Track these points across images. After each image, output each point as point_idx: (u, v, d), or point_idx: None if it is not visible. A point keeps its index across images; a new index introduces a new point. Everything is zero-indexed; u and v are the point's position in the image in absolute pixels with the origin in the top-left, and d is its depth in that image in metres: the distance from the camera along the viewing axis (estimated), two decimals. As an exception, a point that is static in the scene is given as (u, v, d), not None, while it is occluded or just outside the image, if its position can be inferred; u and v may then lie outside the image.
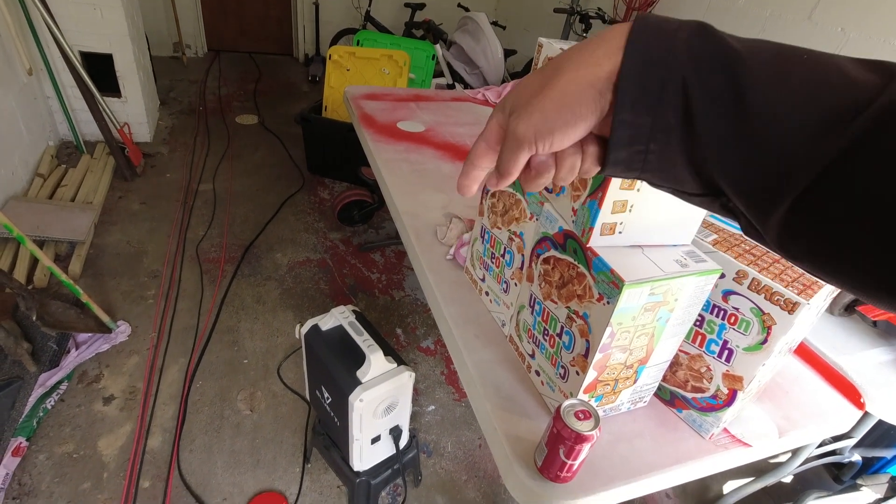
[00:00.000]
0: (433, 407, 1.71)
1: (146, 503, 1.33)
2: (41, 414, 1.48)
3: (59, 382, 1.56)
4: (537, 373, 0.79)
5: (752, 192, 0.28)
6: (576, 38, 2.90)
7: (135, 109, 2.92)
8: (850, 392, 0.90)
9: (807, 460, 1.15)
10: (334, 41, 4.23)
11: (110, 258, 2.12)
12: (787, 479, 1.62)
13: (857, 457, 1.37)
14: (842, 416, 0.86)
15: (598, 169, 0.33)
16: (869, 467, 1.51)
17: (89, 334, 1.71)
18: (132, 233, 2.29)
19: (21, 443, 1.38)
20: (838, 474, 1.60)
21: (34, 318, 1.58)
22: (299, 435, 1.55)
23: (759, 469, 1.51)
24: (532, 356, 0.80)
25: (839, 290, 0.90)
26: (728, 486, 1.58)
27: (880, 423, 1.04)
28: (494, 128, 0.34)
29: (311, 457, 1.48)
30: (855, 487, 1.42)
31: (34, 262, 1.92)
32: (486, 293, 0.95)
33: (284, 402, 1.65)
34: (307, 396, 1.33)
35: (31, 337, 1.61)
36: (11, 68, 2.31)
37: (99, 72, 2.68)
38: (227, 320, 1.92)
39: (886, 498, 1.34)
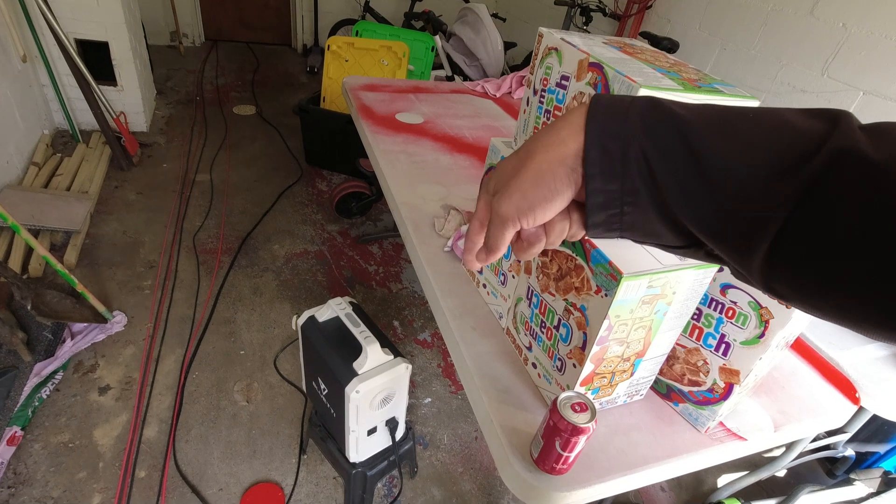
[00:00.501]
0: (430, 399, 1.71)
1: (142, 493, 1.33)
2: (36, 403, 1.47)
3: (55, 372, 1.56)
4: (534, 365, 0.79)
5: (729, 241, 0.29)
6: (576, 31, 2.87)
7: (131, 98, 2.89)
8: (846, 387, 0.90)
9: (801, 454, 1.16)
10: (333, 31, 4.20)
11: (106, 248, 2.11)
12: (781, 473, 1.63)
13: (850, 451, 1.38)
14: (837, 410, 0.86)
15: (584, 232, 0.35)
16: (862, 462, 1.52)
17: (85, 324, 1.70)
18: (128, 223, 2.27)
19: (16, 432, 1.38)
20: (831, 469, 1.61)
21: (29, 307, 1.57)
22: (295, 426, 1.55)
23: (753, 463, 1.52)
24: (529, 348, 0.80)
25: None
26: (722, 480, 1.59)
27: (874, 418, 1.04)
28: (483, 207, 0.37)
29: (307, 448, 1.48)
30: (848, 482, 1.43)
31: (29, 251, 1.91)
32: (484, 285, 0.95)
33: (281, 393, 1.65)
34: (303, 388, 1.33)
35: (27, 326, 1.60)
36: (6, 55, 2.29)
37: (95, 60, 2.65)
38: (224, 311, 1.91)
39: (879, 492, 1.35)
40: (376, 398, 1.10)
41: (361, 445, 1.19)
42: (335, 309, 1.14)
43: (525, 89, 0.78)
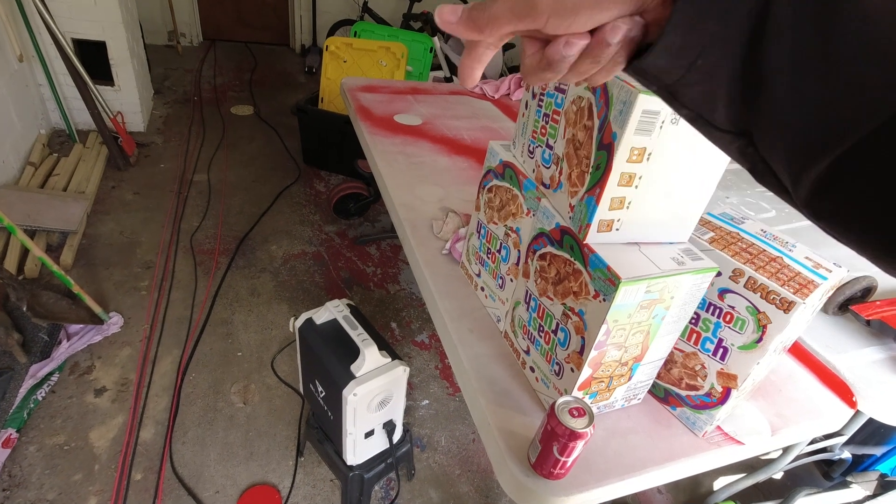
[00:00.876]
0: (427, 401, 1.71)
1: (138, 495, 1.32)
2: (32, 405, 1.46)
3: (51, 374, 1.55)
4: (532, 369, 0.79)
5: (805, 133, 0.23)
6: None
7: (128, 98, 2.88)
8: (843, 390, 0.91)
9: (797, 457, 1.16)
10: (331, 32, 4.19)
11: (103, 248, 2.10)
12: (778, 476, 1.63)
13: (846, 454, 1.38)
14: (834, 414, 0.87)
15: (615, 70, 0.27)
16: (858, 465, 1.53)
17: (81, 325, 1.69)
18: (125, 223, 2.26)
19: (11, 434, 1.37)
20: (828, 471, 1.61)
21: (25, 308, 1.57)
22: (293, 428, 1.55)
23: (750, 465, 1.52)
24: (527, 352, 0.80)
25: (834, 290, 0.90)
26: (719, 482, 1.60)
27: (870, 421, 1.04)
28: None
29: (304, 450, 1.48)
30: (845, 484, 1.43)
31: (25, 252, 1.90)
32: (482, 288, 0.95)
33: (278, 394, 1.64)
34: (301, 390, 1.32)
35: (22, 328, 1.59)
36: (2, 54, 2.28)
37: (92, 59, 2.64)
38: (221, 312, 1.91)
39: (876, 495, 1.36)
40: (374, 401, 1.10)
41: (359, 448, 1.19)
42: (332, 311, 1.14)
43: (524, 92, 0.78)
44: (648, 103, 0.53)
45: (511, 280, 0.84)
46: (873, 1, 0.21)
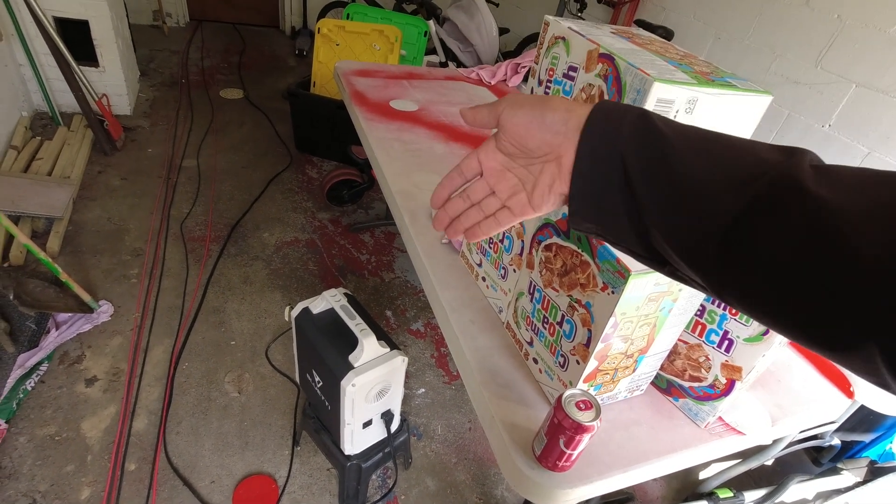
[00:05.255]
0: (423, 390, 1.71)
1: (132, 486, 1.31)
2: (21, 395, 1.44)
3: (39, 363, 1.52)
4: (535, 361, 0.78)
5: (686, 249, 0.33)
6: (571, 18, 2.78)
7: (113, 80, 2.79)
8: (840, 380, 0.91)
9: (789, 444, 1.17)
10: (322, 14, 4.09)
11: (90, 235, 2.05)
12: (769, 462, 1.66)
13: (836, 441, 1.41)
14: (831, 403, 0.87)
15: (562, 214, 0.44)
16: (847, 451, 1.56)
17: (70, 314, 1.66)
18: (113, 209, 2.21)
19: (0, 425, 1.35)
20: (817, 457, 1.64)
21: (11, 296, 1.53)
22: (288, 417, 1.54)
23: (742, 452, 1.54)
24: (530, 344, 0.79)
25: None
26: (712, 469, 1.62)
27: (860, 408, 1.06)
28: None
29: (300, 440, 1.47)
30: (835, 471, 1.46)
31: (10, 238, 1.85)
32: (483, 279, 0.93)
33: (273, 384, 1.63)
34: (297, 380, 1.31)
35: (9, 316, 1.55)
36: (-20, 33, 2.19)
37: (75, 39, 2.55)
38: (214, 300, 1.88)
39: (865, 481, 1.39)
40: (372, 391, 1.09)
41: (356, 438, 1.18)
42: (330, 300, 1.12)
43: (530, 79, 0.76)
44: (663, 91, 0.52)
45: (514, 270, 0.83)
46: (686, 162, 0.32)
